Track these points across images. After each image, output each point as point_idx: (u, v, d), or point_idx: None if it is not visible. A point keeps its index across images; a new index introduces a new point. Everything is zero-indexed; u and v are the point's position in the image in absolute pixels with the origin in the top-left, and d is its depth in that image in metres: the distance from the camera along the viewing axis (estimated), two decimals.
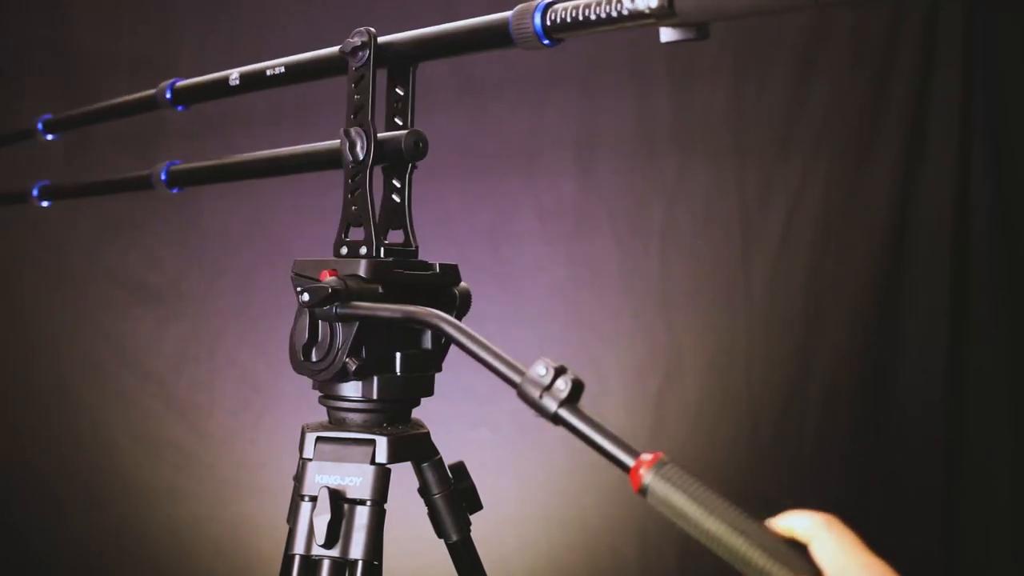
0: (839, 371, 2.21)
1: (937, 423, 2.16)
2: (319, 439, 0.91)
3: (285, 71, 1.02)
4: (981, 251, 2.15)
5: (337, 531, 0.86)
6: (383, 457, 0.89)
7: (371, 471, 0.88)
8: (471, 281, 0.99)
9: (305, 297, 0.86)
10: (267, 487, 2.23)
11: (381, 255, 0.92)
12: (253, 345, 2.34)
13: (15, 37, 2.39)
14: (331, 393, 0.93)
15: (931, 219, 2.17)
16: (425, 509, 1.00)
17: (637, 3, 0.70)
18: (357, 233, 0.93)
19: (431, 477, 0.98)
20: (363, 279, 0.88)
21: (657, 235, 2.26)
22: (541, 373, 0.67)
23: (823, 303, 2.22)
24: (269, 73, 1.03)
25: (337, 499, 0.86)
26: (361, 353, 0.89)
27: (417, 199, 0.98)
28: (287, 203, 2.29)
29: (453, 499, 0.99)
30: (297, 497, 0.90)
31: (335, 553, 0.86)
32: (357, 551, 0.86)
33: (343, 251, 0.94)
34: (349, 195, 0.93)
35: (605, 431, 0.66)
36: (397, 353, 0.92)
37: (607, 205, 2.27)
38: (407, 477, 0.98)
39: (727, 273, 2.24)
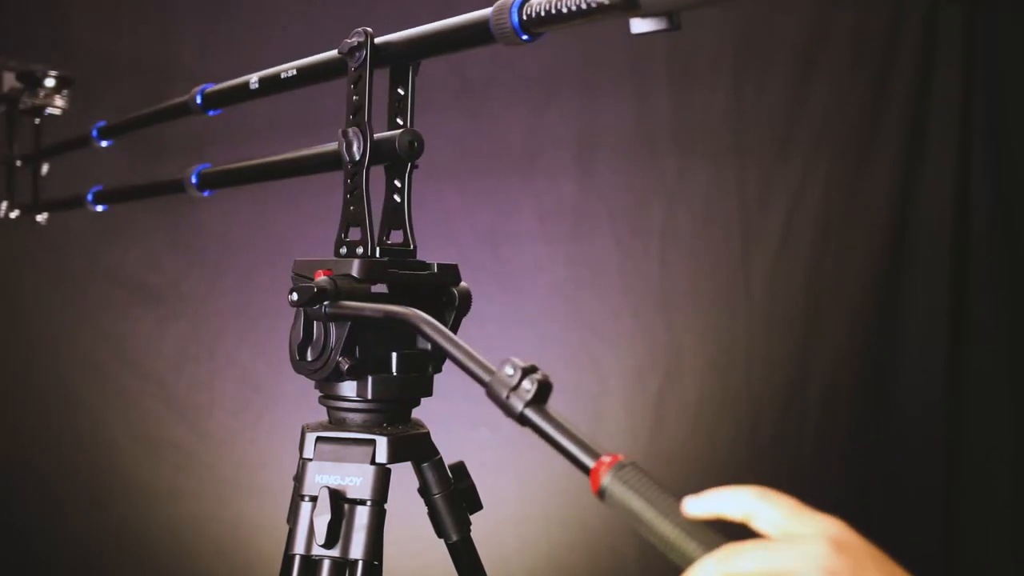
0: (839, 371, 2.21)
1: (937, 423, 2.17)
2: (319, 439, 0.91)
3: (296, 74, 1.05)
4: (981, 251, 2.15)
5: (337, 531, 0.86)
6: (383, 457, 0.89)
7: (371, 471, 0.88)
8: (471, 281, 0.99)
9: (293, 296, 0.87)
10: (267, 487, 2.23)
11: (377, 255, 0.92)
12: (253, 345, 2.34)
13: (15, 37, 2.39)
14: (331, 393, 0.93)
15: (931, 219, 2.17)
16: (425, 509, 1.00)
17: None
18: (357, 233, 0.94)
19: (431, 477, 0.98)
20: (355, 279, 0.88)
21: (657, 235, 2.26)
22: (509, 373, 0.68)
23: (823, 303, 2.23)
24: (283, 76, 1.06)
25: (337, 499, 0.86)
26: (355, 353, 0.89)
27: (417, 199, 0.98)
28: (289, 204, 2.28)
29: (453, 499, 0.99)
30: (297, 497, 0.90)
31: (335, 553, 0.86)
32: (357, 551, 0.86)
33: (342, 251, 0.94)
34: (348, 195, 0.93)
35: (569, 432, 0.66)
36: (393, 353, 0.92)
37: (607, 205, 2.27)
38: (407, 477, 0.98)
39: (727, 273, 2.24)
